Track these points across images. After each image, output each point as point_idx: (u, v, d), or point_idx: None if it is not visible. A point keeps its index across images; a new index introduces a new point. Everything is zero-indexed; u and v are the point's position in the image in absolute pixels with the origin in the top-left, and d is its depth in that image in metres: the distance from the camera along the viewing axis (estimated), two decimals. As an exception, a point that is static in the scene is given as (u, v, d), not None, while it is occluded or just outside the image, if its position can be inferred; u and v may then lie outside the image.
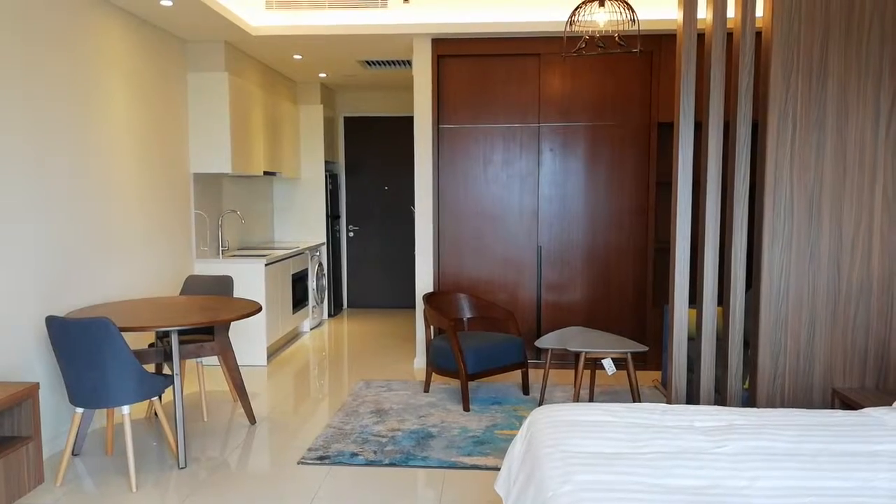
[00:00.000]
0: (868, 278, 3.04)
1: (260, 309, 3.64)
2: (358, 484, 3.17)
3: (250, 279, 5.29)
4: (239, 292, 5.31)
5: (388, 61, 6.07)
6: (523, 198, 5.31)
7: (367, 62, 6.10)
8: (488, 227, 5.33)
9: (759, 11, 4.38)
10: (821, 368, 3.08)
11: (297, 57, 5.88)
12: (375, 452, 3.51)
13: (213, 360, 5.35)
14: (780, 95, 2.98)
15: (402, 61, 6.07)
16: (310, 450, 3.57)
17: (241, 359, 5.36)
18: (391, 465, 3.37)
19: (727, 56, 4.60)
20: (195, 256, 5.31)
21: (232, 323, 5.08)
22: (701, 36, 4.83)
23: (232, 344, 4.99)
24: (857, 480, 1.89)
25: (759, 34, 4.45)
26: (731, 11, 4.41)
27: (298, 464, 3.41)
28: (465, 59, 5.25)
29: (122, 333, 3.10)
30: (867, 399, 2.90)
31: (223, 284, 4.35)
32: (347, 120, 7.90)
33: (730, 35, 4.70)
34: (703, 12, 3.77)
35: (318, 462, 3.41)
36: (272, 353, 5.77)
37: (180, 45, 5.15)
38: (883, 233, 3.02)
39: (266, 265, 5.33)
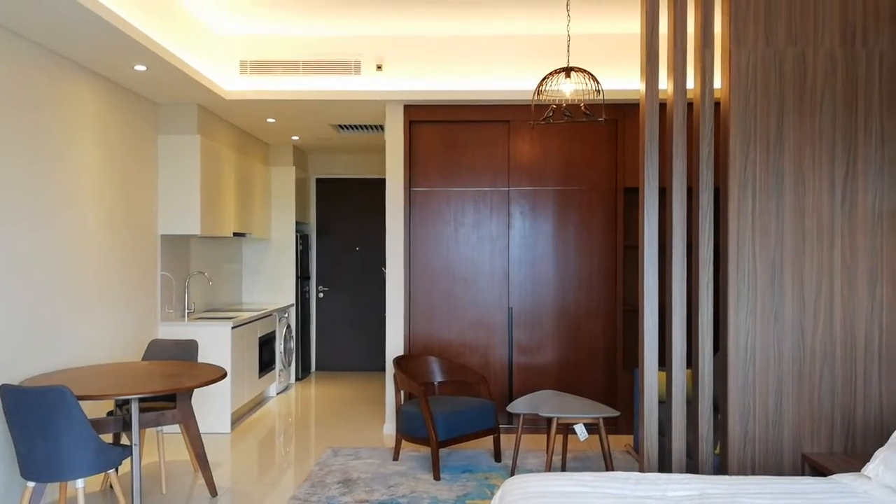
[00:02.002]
0: (831, 342, 3.09)
1: (225, 375, 3.54)
2: (323, 560, 3.04)
3: (216, 342, 5.17)
4: (204, 356, 5.18)
5: (360, 125, 6.17)
6: (494, 260, 5.34)
7: (340, 126, 6.19)
8: (460, 289, 5.34)
9: (718, 82, 4.58)
10: (789, 433, 3.09)
11: (271, 120, 5.95)
12: (342, 525, 3.38)
13: (175, 427, 5.17)
14: (739, 164, 3.09)
15: (375, 126, 6.17)
16: (273, 523, 3.42)
17: (204, 426, 5.18)
18: (358, 538, 3.24)
19: (688, 125, 4.77)
20: (160, 319, 5.20)
21: (195, 389, 4.93)
22: (663, 105, 5.01)
23: (194, 411, 4.84)
24: (830, 552, 1.87)
25: (718, 104, 4.64)
26: (691, 82, 4.60)
27: (261, 539, 3.26)
28: (436, 124, 5.36)
29: (80, 402, 2.99)
30: (836, 464, 2.90)
31: (187, 349, 4.25)
32: (320, 181, 7.95)
33: (691, 104, 4.89)
34: (665, 83, 3.93)
35: (282, 536, 3.27)
36: (237, 419, 5.60)
37: (152, 108, 5.17)
38: (843, 297, 3.09)
39: (233, 328, 5.23)
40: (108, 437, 4.09)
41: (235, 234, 6.06)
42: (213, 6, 4.52)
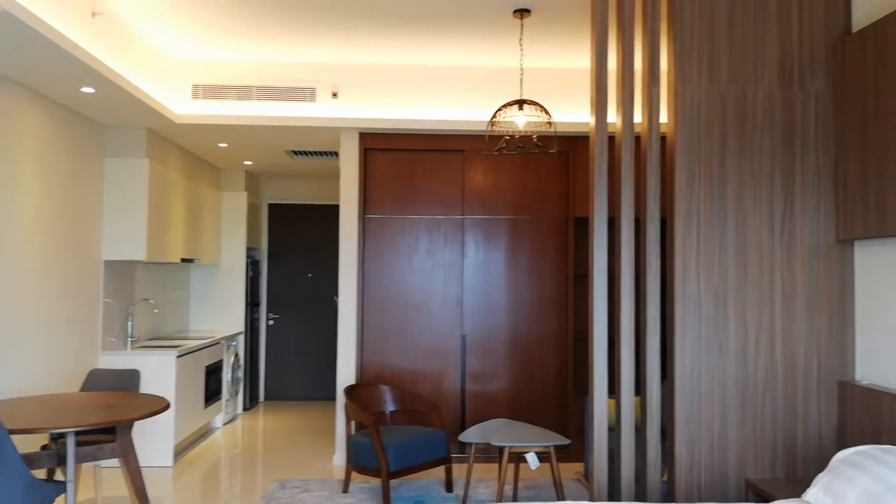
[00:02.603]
0: (772, 370, 3.18)
1: (167, 406, 3.43)
2: None
3: (160, 372, 5.00)
4: (147, 386, 5.01)
5: (315, 152, 6.14)
6: (448, 287, 5.35)
7: (295, 152, 6.15)
8: (413, 317, 5.31)
9: (664, 117, 4.74)
10: (734, 459, 3.15)
11: (223, 145, 5.87)
12: (288, 561, 3.28)
13: (113, 461, 4.95)
14: (684, 197, 3.19)
15: (330, 152, 6.15)
16: (216, 561, 3.29)
17: (145, 459, 4.98)
18: (305, 574, 3.15)
19: (636, 158, 4.91)
20: (101, 348, 5.01)
21: (136, 422, 4.75)
22: (612, 139, 5.15)
23: (135, 444, 4.66)
24: (773, 578, 1.90)
25: (664, 138, 4.80)
26: (639, 117, 4.75)
27: (202, 577, 3.13)
28: (391, 152, 5.38)
29: (11, 436, 2.84)
30: (778, 490, 2.97)
31: (129, 379, 4.10)
32: (272, 206, 7.85)
33: (639, 138, 5.04)
34: (614, 117, 4.04)
35: (225, 574, 3.15)
36: (180, 451, 5.41)
37: (98, 130, 5.05)
38: (784, 327, 3.19)
39: (178, 357, 5.08)
40: (40, 473, 3.89)
41: (183, 260, 5.91)
42: (166, 30, 4.47)
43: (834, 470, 2.44)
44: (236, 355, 6.66)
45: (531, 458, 3.94)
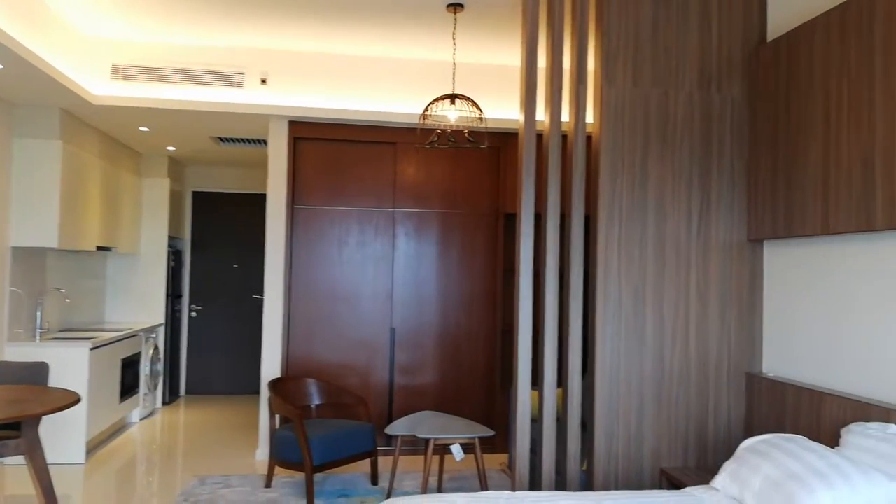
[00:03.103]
0: (686, 364, 3.32)
1: (78, 401, 3.27)
2: None
3: (71, 365, 4.77)
4: (58, 380, 4.76)
5: (243, 139, 5.98)
6: (378, 280, 5.32)
7: (221, 138, 5.97)
8: (342, 309, 5.26)
9: (591, 117, 4.86)
10: (649, 449, 3.27)
11: (144, 129, 5.63)
12: (206, 558, 3.20)
13: (19, 458, 4.69)
14: (607, 194, 3.28)
15: (258, 140, 6.00)
16: (129, 560, 3.17)
17: (54, 456, 4.74)
18: (223, 571, 3.08)
19: (563, 156, 5.01)
20: (6, 340, 4.73)
21: (44, 416, 4.51)
22: (540, 136, 5.24)
23: (42, 440, 4.44)
24: (680, 560, 1.99)
25: (590, 137, 4.92)
26: (566, 116, 4.85)
27: (113, 578, 3.01)
28: (322, 142, 5.29)
29: None
30: (689, 477, 3.11)
31: (36, 372, 3.89)
32: (197, 194, 7.60)
33: (566, 136, 5.15)
34: (543, 115, 4.11)
35: (138, 574, 3.04)
36: (93, 448, 5.17)
37: (7, 109, 4.75)
38: (698, 322, 3.34)
39: (91, 349, 4.85)
40: (-65, 472, 3.64)
41: (99, 248, 5.65)
42: (83, 6, 4.24)
43: (740, 458, 2.57)
44: (156, 348, 6.43)
45: (456, 449, 3.97)
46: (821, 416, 2.87)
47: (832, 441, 2.81)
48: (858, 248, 2.83)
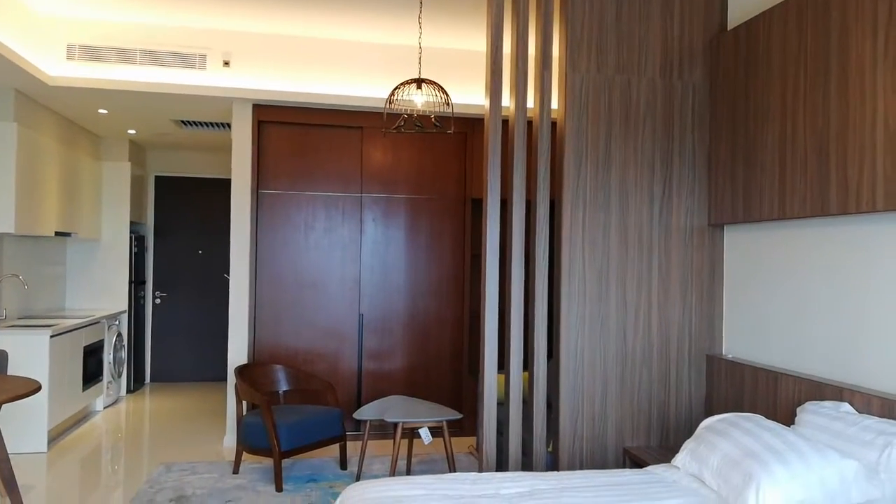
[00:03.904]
0: (649, 346, 3.39)
1: (38, 389, 3.21)
2: (149, 585, 2.84)
3: (31, 352, 4.67)
4: (16, 368, 4.66)
5: (206, 122, 5.87)
6: (346, 266, 5.30)
7: (183, 122, 5.85)
8: (309, 295, 5.23)
9: (556, 103, 4.89)
10: (613, 429, 3.35)
11: (103, 111, 5.49)
12: (173, 546, 3.18)
13: (-22, 448, 4.59)
14: (572, 180, 3.31)
15: (222, 123, 5.90)
16: (93, 549, 3.14)
17: (15, 445, 4.65)
18: (190, 558, 3.07)
19: (528, 141, 5.03)
20: (-38, 328, 4.60)
21: (3, 405, 4.42)
22: (506, 122, 5.25)
23: (2, 429, 4.36)
24: (640, 537, 2.05)
25: (555, 123, 4.96)
26: (532, 102, 4.87)
27: (78, 567, 2.98)
28: (287, 126, 5.23)
29: None
30: (652, 456, 3.19)
31: (-5, 361, 3.80)
32: (159, 179, 7.45)
33: (531, 122, 5.18)
34: (508, 101, 4.13)
35: (103, 563, 3.01)
36: (55, 437, 5.09)
37: (-42, 90, 4.59)
38: (660, 305, 3.41)
39: (51, 337, 4.75)
40: None
41: (58, 234, 5.51)
42: (36, -18, 4.10)
43: (699, 437, 2.64)
44: (119, 335, 6.32)
45: (424, 432, 4.01)
46: (777, 396, 2.97)
47: (788, 419, 2.91)
48: (813, 232, 2.91)
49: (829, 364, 2.81)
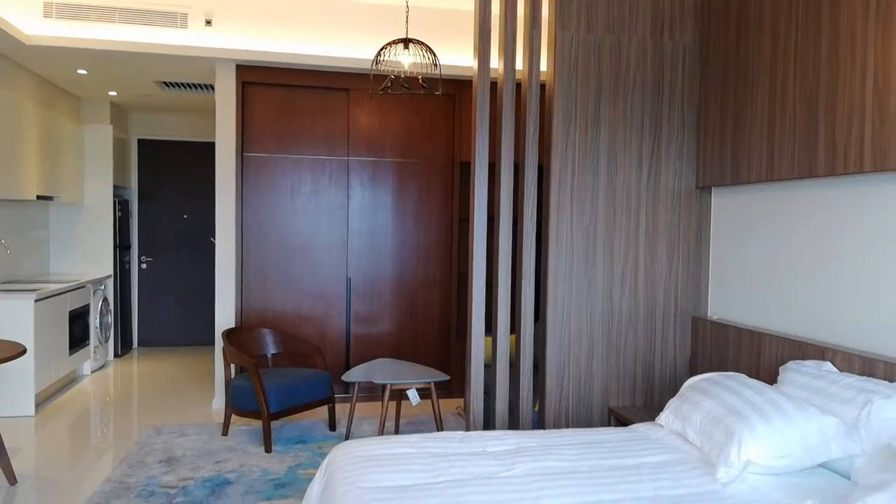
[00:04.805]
0: (635, 307, 3.42)
1: (23, 352, 3.19)
2: (141, 543, 2.87)
3: (15, 317, 4.64)
4: (1, 332, 4.63)
5: (188, 84, 5.76)
6: (333, 230, 5.27)
7: (165, 83, 5.73)
8: (296, 259, 5.21)
9: (545, 65, 4.83)
10: (598, 389, 3.39)
11: (82, 72, 5.36)
12: (163, 505, 3.22)
13: (-35, 412, 4.59)
14: (560, 142, 3.29)
15: (205, 85, 5.79)
16: (84, 509, 3.17)
17: (2, 409, 4.65)
18: (181, 517, 3.10)
19: (517, 104, 4.98)
20: (-56, 292, 4.55)
21: (-9, 368, 4.40)
22: (495, 83, 5.19)
23: (-11, 393, 4.35)
24: (624, 492, 2.09)
25: (544, 86, 4.90)
26: (521, 63, 4.81)
27: (69, 527, 3.01)
28: (272, 87, 5.14)
29: None
30: (636, 415, 3.24)
31: (-21, 324, 3.76)
32: (142, 142, 7.33)
33: (520, 85, 5.12)
34: (496, 62, 4.07)
35: (94, 522, 3.04)
36: (43, 400, 5.09)
37: (-69, 48, 4.46)
38: (646, 267, 3.42)
39: (36, 301, 4.72)
40: None
41: (40, 198, 5.43)
42: (9, -65, 3.96)
43: (683, 395, 2.68)
44: (105, 299, 6.28)
45: (412, 394, 4.04)
46: (761, 356, 3.01)
47: (771, 379, 2.95)
48: (799, 194, 2.92)
49: (812, 324, 2.84)
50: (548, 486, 2.09)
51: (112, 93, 6.21)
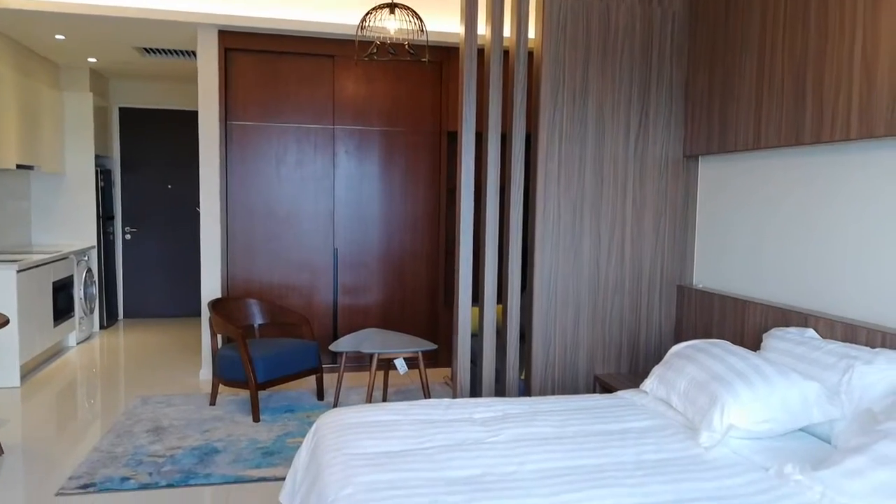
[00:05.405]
0: (621, 277, 3.43)
1: (6, 322, 3.16)
2: (129, 511, 2.89)
3: (-2, 288, 4.59)
4: (-17, 304, 4.58)
5: (169, 50, 5.63)
6: (319, 200, 5.23)
7: (146, 49, 5.61)
8: (283, 230, 5.17)
9: (532, 32, 4.76)
10: (584, 357, 3.42)
11: (60, 37, 5.23)
12: (151, 474, 3.23)
13: (-51, 384, 4.56)
14: (548, 111, 3.26)
15: (187, 51, 5.67)
16: (71, 478, 3.17)
17: (-13, 381, 4.63)
18: (169, 486, 3.12)
19: (504, 72, 4.92)
20: (-77, 263, 4.49)
21: (-26, 340, 4.36)
22: (482, 51, 5.12)
23: (-27, 364, 4.32)
24: (608, 457, 2.11)
25: (531, 53, 4.84)
26: (508, 31, 4.74)
27: (57, 495, 3.01)
28: (255, 54, 5.04)
29: None
30: (621, 383, 3.27)
31: (-40, 295, 3.72)
32: (124, 111, 7.20)
33: (508, 52, 5.05)
34: (483, 29, 4.00)
35: (81, 491, 3.05)
36: (28, 372, 5.06)
37: None
38: (633, 237, 3.43)
39: (18, 272, 4.66)
40: None
41: (20, 167, 5.33)
42: None
43: (667, 362, 2.71)
44: (89, 270, 6.22)
45: (399, 363, 4.06)
46: (745, 323, 3.04)
47: (755, 346, 2.99)
48: (785, 162, 2.92)
49: (796, 292, 2.87)
50: (533, 450, 2.11)
51: (91, 59, 6.07)
